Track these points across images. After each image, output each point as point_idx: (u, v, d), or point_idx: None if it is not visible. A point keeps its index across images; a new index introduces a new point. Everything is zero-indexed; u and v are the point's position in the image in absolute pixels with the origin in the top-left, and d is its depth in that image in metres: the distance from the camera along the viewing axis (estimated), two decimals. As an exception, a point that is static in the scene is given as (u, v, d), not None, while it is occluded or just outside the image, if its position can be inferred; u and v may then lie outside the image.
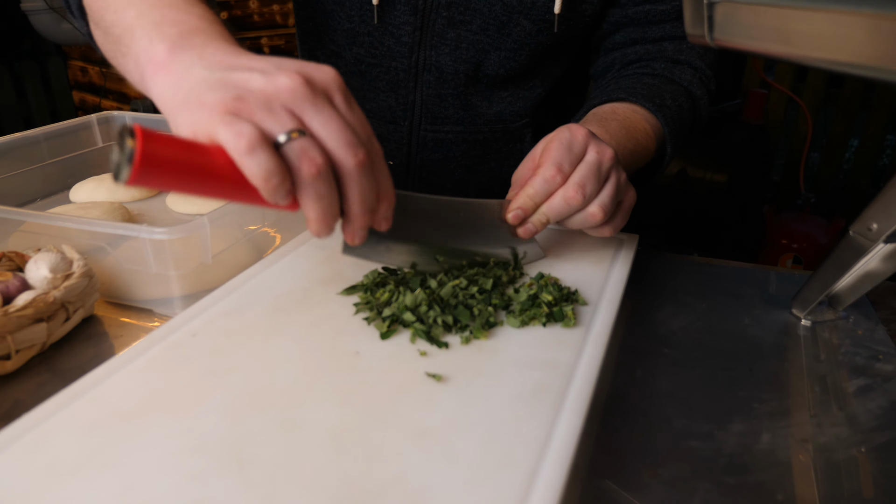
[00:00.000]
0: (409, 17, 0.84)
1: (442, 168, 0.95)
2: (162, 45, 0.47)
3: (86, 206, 0.80)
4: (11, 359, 0.52)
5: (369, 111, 0.92)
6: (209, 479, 0.37)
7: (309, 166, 0.41)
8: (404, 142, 0.92)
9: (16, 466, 0.38)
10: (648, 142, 0.77)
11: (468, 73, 0.87)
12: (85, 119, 0.98)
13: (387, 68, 0.88)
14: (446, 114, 0.90)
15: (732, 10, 0.44)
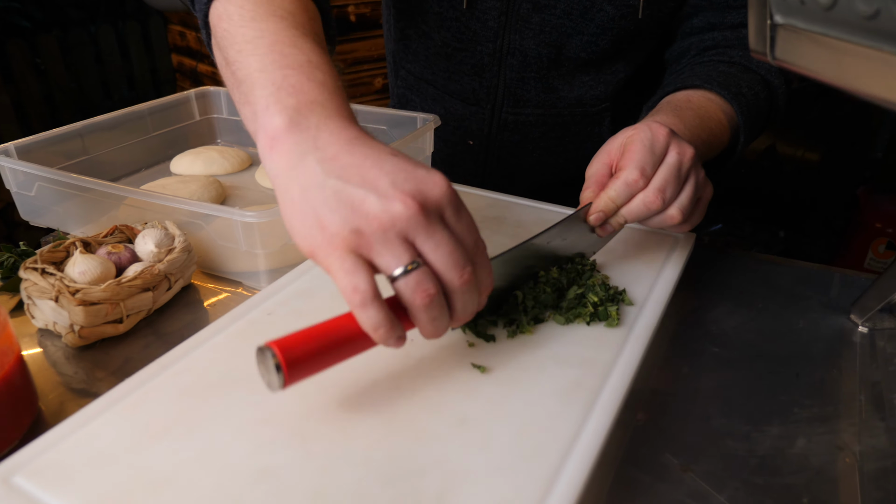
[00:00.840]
0: (495, 2, 0.86)
1: (520, 149, 0.97)
2: (279, 118, 0.46)
3: (185, 179, 0.88)
4: (123, 322, 0.61)
5: (454, 92, 0.96)
6: (275, 448, 0.43)
7: (423, 298, 0.42)
8: (486, 123, 0.95)
9: (120, 422, 0.45)
10: (722, 132, 0.77)
11: (550, 56, 0.88)
12: (184, 94, 1.06)
13: (472, 52, 0.91)
14: (528, 97, 0.92)
15: (794, 35, 0.44)
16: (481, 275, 0.46)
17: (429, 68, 0.98)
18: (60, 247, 0.64)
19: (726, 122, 0.77)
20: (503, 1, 0.85)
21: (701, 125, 0.73)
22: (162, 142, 1.03)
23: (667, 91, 0.81)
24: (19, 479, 0.41)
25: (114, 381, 0.58)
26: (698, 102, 0.76)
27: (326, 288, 0.60)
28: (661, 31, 0.91)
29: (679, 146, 0.61)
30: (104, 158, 0.95)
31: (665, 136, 0.61)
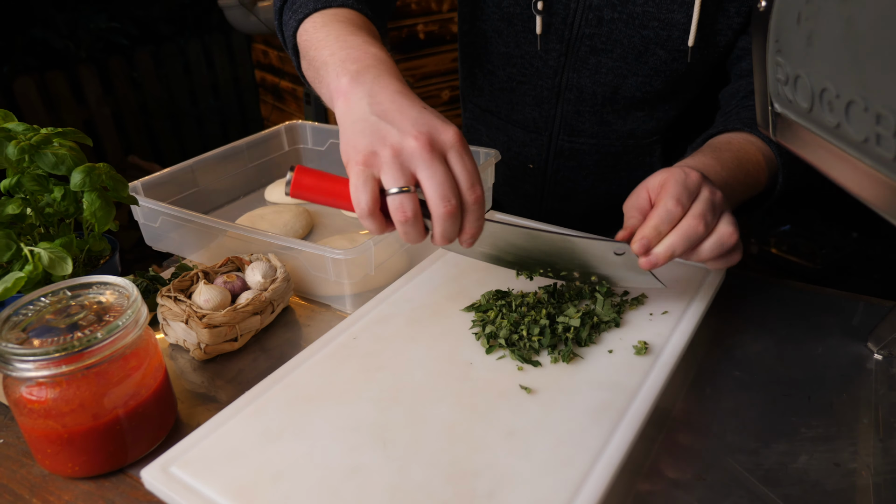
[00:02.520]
0: (556, 44, 0.96)
1: (575, 174, 1.07)
2: (344, 79, 0.64)
3: (279, 209, 1.03)
4: (238, 340, 0.75)
5: (516, 122, 1.07)
6: (363, 451, 0.55)
7: (401, 216, 0.58)
8: (544, 148, 1.06)
9: (245, 426, 0.59)
10: (759, 172, 0.82)
11: (605, 94, 0.97)
12: (275, 129, 1.21)
13: (534, 86, 1.01)
14: (583, 128, 1.02)
15: (789, 123, 0.53)
16: (469, 216, 0.60)
17: (493, 101, 1.09)
18: (186, 277, 0.79)
19: (764, 163, 0.82)
20: (563, 44, 0.95)
21: (738, 166, 0.79)
22: (257, 171, 1.18)
23: (710, 134, 0.87)
24: (174, 469, 0.55)
25: (230, 388, 0.72)
26: (738, 145, 0.82)
27: (401, 315, 0.73)
28: (713, 72, 0.98)
29: (710, 188, 0.67)
30: (210, 188, 1.10)
31: (697, 178, 0.68)
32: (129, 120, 3.62)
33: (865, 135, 0.42)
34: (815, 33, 0.46)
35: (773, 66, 0.53)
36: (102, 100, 3.48)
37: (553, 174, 1.07)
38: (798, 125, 0.51)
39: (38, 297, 0.61)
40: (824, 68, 0.45)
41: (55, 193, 0.69)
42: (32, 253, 0.65)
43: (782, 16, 0.50)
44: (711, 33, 0.90)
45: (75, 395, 0.56)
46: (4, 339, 0.56)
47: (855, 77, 0.42)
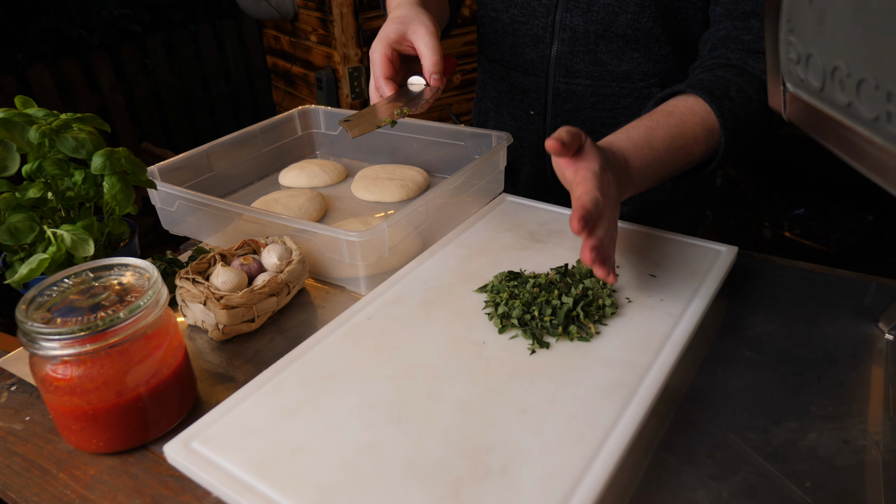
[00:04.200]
0: None
1: (574, 118, 1.08)
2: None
3: (293, 193, 1.04)
4: (255, 321, 0.76)
5: (517, 65, 1.09)
6: (379, 427, 0.56)
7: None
8: (542, 92, 1.07)
9: (263, 403, 0.60)
10: (694, 148, 0.82)
11: (598, 32, 0.99)
12: (288, 113, 1.22)
13: (532, 26, 1.04)
14: (578, 68, 1.03)
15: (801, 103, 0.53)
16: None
17: (498, 48, 1.11)
18: (204, 259, 0.80)
19: (702, 136, 0.82)
20: None
21: (668, 148, 0.80)
22: (271, 155, 1.19)
23: (661, 98, 0.87)
24: (196, 444, 0.57)
25: (248, 367, 0.73)
26: (680, 117, 0.82)
27: (415, 296, 0.74)
28: (698, 18, 0.97)
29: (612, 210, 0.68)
30: (225, 173, 1.12)
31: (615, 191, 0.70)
32: (141, 107, 3.65)
33: (877, 113, 0.43)
34: (826, 12, 0.46)
35: (785, 45, 0.53)
36: (116, 87, 3.50)
37: (552, 120, 1.09)
38: (810, 105, 0.51)
39: (62, 279, 0.63)
40: (835, 47, 0.46)
41: (76, 177, 0.71)
42: (55, 235, 0.67)
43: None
44: None
45: (99, 373, 0.58)
46: (31, 318, 0.58)
47: (866, 55, 0.42)
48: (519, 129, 1.13)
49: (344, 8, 2.21)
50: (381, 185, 1.05)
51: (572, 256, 0.80)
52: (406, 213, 0.81)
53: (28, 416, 0.68)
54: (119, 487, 0.59)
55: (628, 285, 0.75)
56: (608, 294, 0.71)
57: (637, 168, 0.77)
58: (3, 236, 0.66)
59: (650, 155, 0.78)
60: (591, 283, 0.72)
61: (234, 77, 4.01)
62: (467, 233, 0.87)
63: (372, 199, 1.05)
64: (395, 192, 1.04)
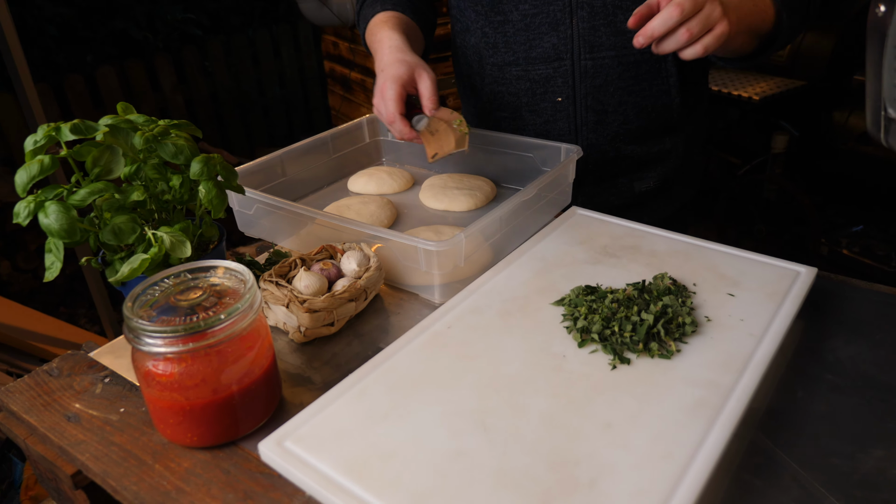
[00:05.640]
0: None
1: (603, 93, 1.10)
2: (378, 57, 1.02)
3: (365, 199, 1.06)
4: (334, 325, 0.79)
5: (536, 58, 1.10)
6: (465, 436, 0.58)
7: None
8: (569, 75, 1.09)
9: (351, 407, 0.62)
10: (766, 6, 0.92)
11: (615, 3, 1.02)
12: (357, 121, 1.25)
13: (547, 12, 1.06)
14: (601, 42, 1.06)
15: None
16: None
17: (510, 49, 1.12)
18: (285, 263, 0.83)
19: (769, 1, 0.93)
20: None
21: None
22: (339, 162, 1.22)
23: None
24: (288, 444, 0.59)
25: (326, 369, 0.76)
26: None
27: (492, 306, 0.75)
28: None
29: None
30: (297, 178, 1.15)
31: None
32: (200, 108, 3.75)
33: None
34: (942, 40, 0.46)
35: (890, 71, 0.52)
36: (176, 88, 3.61)
37: (583, 99, 1.10)
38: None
39: (162, 279, 0.66)
40: (952, 75, 0.45)
41: (174, 181, 0.74)
42: (156, 236, 0.70)
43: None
44: None
45: (198, 371, 0.61)
46: (137, 315, 0.61)
47: None
48: (545, 123, 1.14)
49: (405, 16, 2.24)
50: (450, 195, 1.07)
51: (648, 273, 0.81)
52: (481, 224, 0.83)
53: (122, 408, 0.72)
54: (212, 481, 0.62)
55: (706, 304, 0.75)
56: (688, 312, 0.71)
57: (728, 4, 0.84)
58: (107, 236, 0.70)
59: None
60: (669, 301, 0.72)
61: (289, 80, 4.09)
62: (540, 245, 0.88)
63: (440, 208, 1.07)
64: (463, 202, 1.05)
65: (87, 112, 3.27)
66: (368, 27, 1.15)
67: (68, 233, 0.68)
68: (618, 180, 1.18)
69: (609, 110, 1.11)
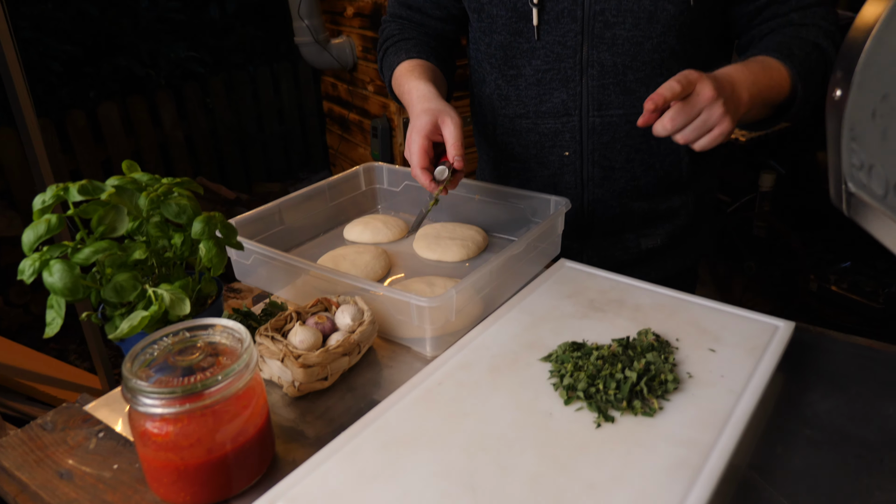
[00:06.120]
0: (571, 25, 1.05)
1: (611, 150, 1.12)
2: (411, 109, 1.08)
3: (359, 249, 1.09)
4: (328, 379, 0.81)
5: (546, 112, 1.13)
6: (454, 497, 0.60)
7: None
8: (577, 131, 1.12)
9: (342, 467, 0.64)
10: (782, 79, 0.97)
11: (625, 63, 1.05)
12: (354, 170, 1.28)
13: (559, 69, 1.09)
14: (610, 100, 1.08)
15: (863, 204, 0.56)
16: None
17: (522, 102, 1.15)
18: (281, 317, 0.85)
19: (786, 73, 0.98)
20: (578, 23, 1.04)
21: (763, 72, 0.96)
22: (336, 209, 1.25)
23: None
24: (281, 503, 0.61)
25: (319, 423, 0.78)
26: (761, 60, 0.99)
27: (481, 362, 0.77)
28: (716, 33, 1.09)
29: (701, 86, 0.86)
30: (294, 226, 1.18)
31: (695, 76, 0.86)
32: (199, 143, 3.81)
33: (944, 229, 0.45)
34: (889, 130, 0.49)
35: (847, 151, 0.56)
36: (177, 123, 3.67)
37: (590, 155, 1.13)
38: (872, 206, 0.54)
39: (161, 337, 0.68)
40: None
41: (175, 239, 0.77)
42: (156, 294, 0.73)
43: (857, 108, 0.53)
44: None
45: (194, 431, 0.63)
46: (136, 375, 0.63)
47: (935, 176, 0.45)
48: (552, 176, 1.17)
49: (401, 61, 2.30)
50: (443, 245, 1.10)
51: (632, 327, 0.83)
52: (472, 279, 0.86)
53: (116, 465, 0.73)
54: (206, 539, 0.63)
55: (688, 359, 0.77)
56: (670, 369, 0.74)
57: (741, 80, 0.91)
58: (109, 294, 0.72)
59: (749, 74, 0.94)
60: (652, 357, 0.74)
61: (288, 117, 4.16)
62: (529, 299, 0.91)
63: (434, 258, 1.10)
64: (456, 252, 1.08)
65: (87, 147, 3.32)
66: (394, 76, 1.18)
67: (72, 291, 0.70)
68: (625, 235, 1.20)
69: (616, 167, 1.13)
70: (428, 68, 1.16)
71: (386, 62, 1.24)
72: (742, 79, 0.93)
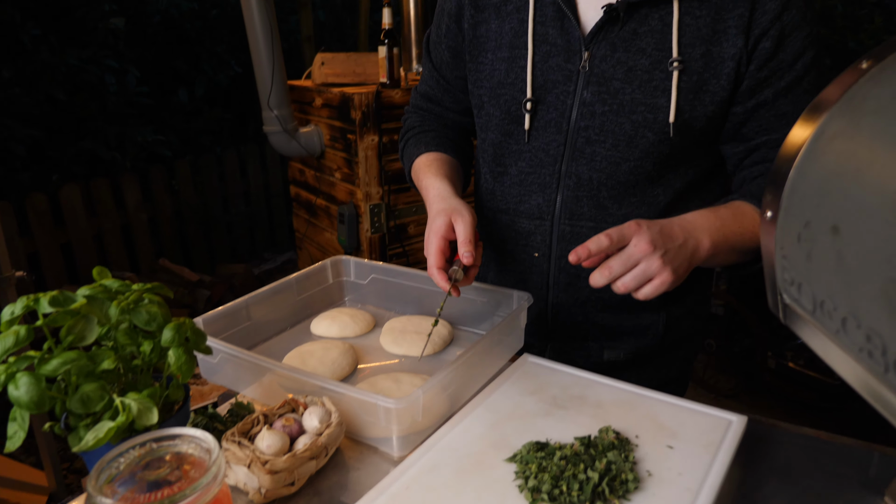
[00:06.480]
0: (556, 135, 1.11)
1: None
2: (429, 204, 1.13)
3: (327, 345, 1.11)
4: (294, 484, 0.81)
5: (523, 212, 1.18)
6: None
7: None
8: (548, 234, 1.16)
9: (311, 577, 0.64)
10: (755, 227, 1.01)
11: (601, 180, 1.10)
12: (321, 264, 1.31)
13: (539, 175, 1.14)
14: (582, 212, 1.13)
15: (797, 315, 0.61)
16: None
17: (504, 199, 1.21)
18: (248, 421, 0.86)
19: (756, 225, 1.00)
20: (563, 134, 1.10)
21: (733, 218, 1.01)
22: (304, 303, 1.27)
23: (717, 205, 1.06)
24: None
25: (286, 530, 0.77)
26: (736, 206, 1.04)
27: (448, 464, 0.79)
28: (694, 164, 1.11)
29: (637, 239, 0.91)
30: (262, 320, 1.19)
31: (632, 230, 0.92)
32: (163, 224, 3.80)
33: (860, 346, 0.50)
34: (813, 253, 0.55)
35: (780, 267, 0.61)
36: (141, 206, 3.67)
37: (557, 260, 1.17)
38: (804, 318, 0.59)
39: (128, 449, 0.69)
40: (822, 284, 0.54)
41: (144, 346, 0.78)
42: (124, 404, 0.73)
43: (785, 231, 0.59)
44: (691, 115, 1.03)
45: (161, 546, 0.62)
46: (101, 492, 0.63)
47: (847, 299, 0.50)
48: (523, 273, 1.21)
49: (369, 151, 2.39)
50: (409, 339, 1.13)
51: (594, 424, 0.86)
52: (438, 378, 0.88)
53: (78, 579, 0.71)
54: None
55: (648, 457, 0.80)
56: (630, 468, 0.76)
57: (703, 226, 0.97)
58: (75, 405, 0.73)
59: (716, 221, 0.99)
60: (613, 457, 0.77)
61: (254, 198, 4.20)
62: (493, 396, 0.93)
63: (400, 353, 1.12)
64: (421, 347, 1.11)
65: (47, 230, 3.29)
66: (414, 167, 1.26)
67: (38, 405, 0.70)
68: (587, 343, 1.22)
69: (582, 275, 1.16)
70: (446, 161, 1.24)
71: (407, 153, 1.31)
72: (706, 225, 0.98)
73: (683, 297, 1.21)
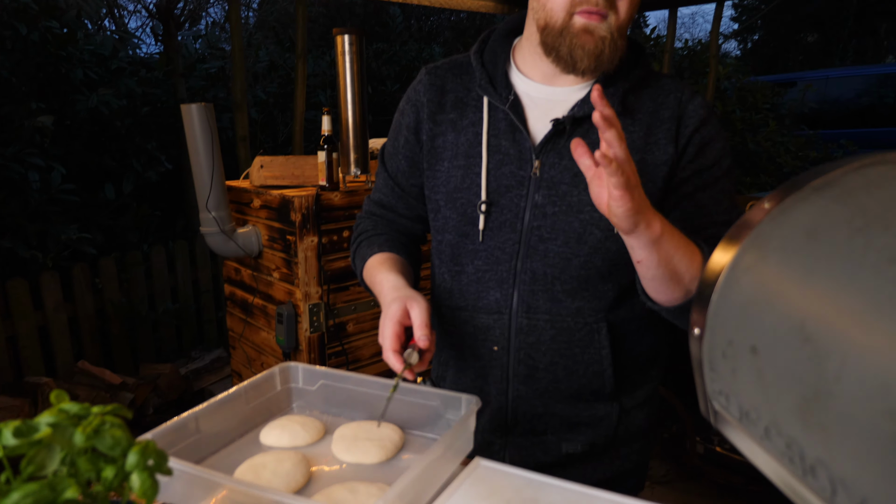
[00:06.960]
0: (511, 234, 1.20)
1: (536, 350, 1.23)
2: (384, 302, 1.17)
3: (279, 457, 1.11)
4: None
5: (481, 308, 1.25)
6: None
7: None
8: (506, 328, 1.23)
9: None
10: (694, 254, 1.04)
11: (554, 275, 1.18)
12: (270, 371, 1.32)
13: (496, 272, 1.22)
14: (538, 305, 1.20)
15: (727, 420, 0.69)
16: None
17: (462, 296, 1.28)
18: (208, 541, 0.85)
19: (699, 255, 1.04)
20: (517, 234, 1.19)
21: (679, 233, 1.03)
22: (254, 411, 1.27)
23: None
24: None
25: None
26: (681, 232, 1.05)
27: (411, 576, 0.81)
28: None
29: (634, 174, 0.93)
30: (211, 431, 1.18)
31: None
32: (84, 324, 3.65)
33: (781, 452, 0.58)
34: (736, 369, 0.64)
35: (709, 378, 0.70)
36: (60, 305, 3.53)
37: (516, 353, 1.23)
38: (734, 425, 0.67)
39: (92, 582, 0.68)
40: (746, 397, 0.62)
41: (106, 472, 0.77)
42: (85, 535, 0.72)
43: (711, 347, 0.67)
44: None
45: None
46: None
47: (768, 411, 0.59)
48: (483, 367, 1.27)
49: (309, 252, 2.43)
50: (362, 447, 1.15)
51: (547, 527, 0.90)
52: (396, 491, 0.91)
53: None
54: None
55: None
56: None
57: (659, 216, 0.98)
58: (34, 538, 0.71)
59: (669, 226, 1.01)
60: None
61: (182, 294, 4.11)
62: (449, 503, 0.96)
63: (353, 461, 1.13)
64: (374, 454, 1.13)
65: (-42, 335, 3.10)
66: (366, 266, 1.31)
67: (-3, 540, 0.69)
68: (546, 437, 1.27)
69: (540, 367, 1.23)
70: (397, 261, 1.29)
71: (359, 253, 1.37)
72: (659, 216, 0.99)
73: (634, 390, 1.29)
